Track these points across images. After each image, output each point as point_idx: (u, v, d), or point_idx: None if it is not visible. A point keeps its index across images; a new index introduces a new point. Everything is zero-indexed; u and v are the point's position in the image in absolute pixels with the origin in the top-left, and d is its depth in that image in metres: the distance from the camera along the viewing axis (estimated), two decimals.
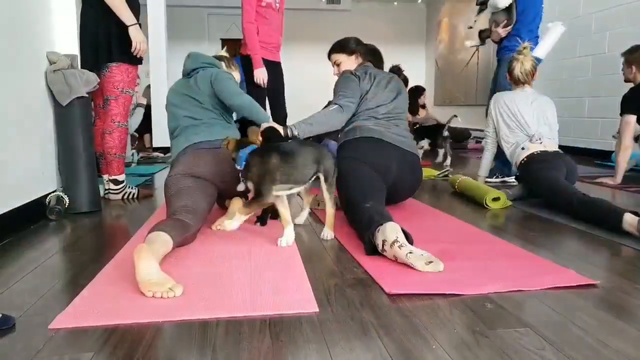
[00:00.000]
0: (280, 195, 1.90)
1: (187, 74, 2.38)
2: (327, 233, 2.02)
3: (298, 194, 2.18)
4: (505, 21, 3.47)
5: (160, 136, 6.10)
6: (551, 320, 1.21)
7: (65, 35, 2.70)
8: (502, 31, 3.49)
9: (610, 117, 3.15)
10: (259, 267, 1.62)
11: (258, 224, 2.23)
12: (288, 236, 1.90)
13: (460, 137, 6.37)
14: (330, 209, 2.01)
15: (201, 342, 1.12)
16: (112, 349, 1.08)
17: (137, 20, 2.73)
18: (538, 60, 3.25)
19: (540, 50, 3.37)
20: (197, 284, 1.46)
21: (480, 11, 3.70)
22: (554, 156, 2.69)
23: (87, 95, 2.61)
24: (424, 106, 6.42)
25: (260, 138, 2.02)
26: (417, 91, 6.37)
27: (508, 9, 3.46)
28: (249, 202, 1.90)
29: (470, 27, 3.68)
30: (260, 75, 3.38)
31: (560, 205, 2.42)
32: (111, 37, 2.68)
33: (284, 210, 1.92)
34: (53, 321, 1.21)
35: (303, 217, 2.27)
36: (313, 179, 1.97)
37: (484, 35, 3.69)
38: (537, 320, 1.21)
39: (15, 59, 2.24)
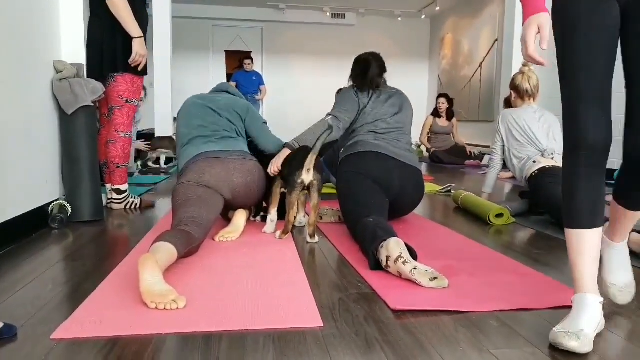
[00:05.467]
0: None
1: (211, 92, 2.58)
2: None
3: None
4: None
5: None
6: None
7: (72, 45, 2.72)
8: None
9: (620, 135, 3.13)
10: (263, 281, 1.61)
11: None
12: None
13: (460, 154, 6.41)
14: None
15: (205, 355, 1.10)
16: None
17: (145, 33, 2.75)
18: None
19: None
20: (201, 296, 1.45)
21: None
22: None
23: (92, 105, 2.62)
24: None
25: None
26: None
27: None
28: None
29: None
30: None
31: None
32: (117, 47, 2.71)
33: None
34: (55, 331, 1.20)
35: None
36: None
37: None
38: (544, 340, 1.20)
39: (22, 67, 2.26)
